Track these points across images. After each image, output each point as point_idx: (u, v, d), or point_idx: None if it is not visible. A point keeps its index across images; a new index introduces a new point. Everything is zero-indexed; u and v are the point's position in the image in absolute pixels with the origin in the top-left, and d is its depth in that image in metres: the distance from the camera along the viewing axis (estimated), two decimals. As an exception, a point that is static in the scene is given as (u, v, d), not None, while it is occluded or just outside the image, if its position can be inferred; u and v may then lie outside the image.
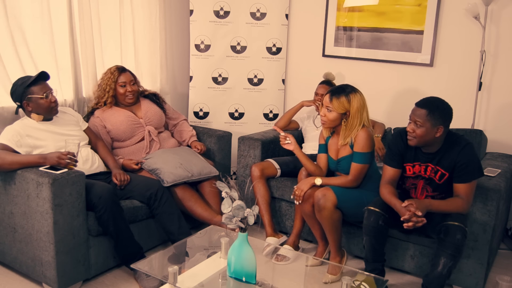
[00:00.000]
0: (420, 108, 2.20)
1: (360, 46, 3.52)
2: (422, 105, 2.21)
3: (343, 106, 2.44)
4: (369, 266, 2.38)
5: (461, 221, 2.13)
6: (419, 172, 2.33)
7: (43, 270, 2.31)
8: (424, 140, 2.22)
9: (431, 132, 2.19)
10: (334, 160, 2.60)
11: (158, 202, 2.61)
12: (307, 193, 2.55)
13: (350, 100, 2.44)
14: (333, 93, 2.47)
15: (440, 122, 2.18)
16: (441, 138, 2.24)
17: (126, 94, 2.97)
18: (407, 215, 2.10)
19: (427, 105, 2.20)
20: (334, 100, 2.44)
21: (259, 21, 3.81)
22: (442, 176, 2.28)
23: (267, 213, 2.91)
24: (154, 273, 2.06)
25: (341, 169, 2.58)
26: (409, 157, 2.35)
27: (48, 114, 2.55)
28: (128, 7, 3.39)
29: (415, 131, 2.21)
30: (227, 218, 1.83)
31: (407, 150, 2.34)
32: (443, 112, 2.20)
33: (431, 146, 2.27)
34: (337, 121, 2.48)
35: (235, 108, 3.93)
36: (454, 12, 3.13)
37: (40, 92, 2.48)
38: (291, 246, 2.74)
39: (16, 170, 2.29)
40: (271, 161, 3.03)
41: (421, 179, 2.34)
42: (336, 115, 2.46)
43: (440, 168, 2.27)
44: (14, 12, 2.71)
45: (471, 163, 2.20)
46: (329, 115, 2.48)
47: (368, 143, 2.45)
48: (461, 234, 2.10)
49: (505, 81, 3.04)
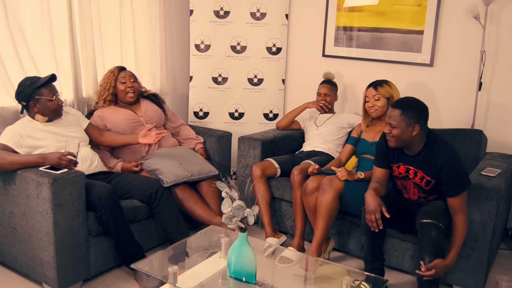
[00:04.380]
0: (394, 109, 2.24)
1: (360, 46, 3.52)
2: (395, 105, 2.26)
3: (388, 91, 2.71)
4: (368, 266, 2.38)
5: (434, 218, 2.16)
6: (405, 172, 2.35)
7: (43, 270, 2.31)
8: (402, 139, 2.24)
9: (406, 131, 2.21)
10: (368, 142, 2.78)
11: (157, 202, 2.61)
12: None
13: (391, 86, 2.74)
14: (375, 84, 2.75)
15: (414, 121, 2.20)
16: (420, 137, 2.25)
17: (127, 91, 2.98)
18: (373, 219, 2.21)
19: (401, 105, 2.23)
20: (379, 88, 2.72)
21: (259, 21, 3.81)
22: (428, 183, 2.30)
23: (267, 213, 2.92)
24: (154, 273, 2.06)
25: (371, 151, 2.70)
26: (392, 158, 2.39)
27: (53, 116, 2.57)
28: (128, 7, 3.39)
29: (391, 131, 2.24)
30: (227, 218, 1.83)
31: (389, 151, 2.38)
32: (417, 110, 2.22)
33: (411, 147, 2.28)
34: (385, 107, 2.72)
35: (235, 108, 3.93)
36: (454, 12, 3.13)
37: (50, 94, 2.50)
38: (296, 248, 2.72)
39: (16, 170, 2.29)
40: (271, 161, 3.04)
41: (409, 179, 2.36)
42: (384, 101, 2.71)
43: (425, 175, 2.28)
44: (14, 12, 2.71)
45: (457, 175, 2.21)
46: (377, 103, 2.72)
47: None
48: (436, 231, 2.12)
49: (505, 81, 3.04)
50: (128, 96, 2.99)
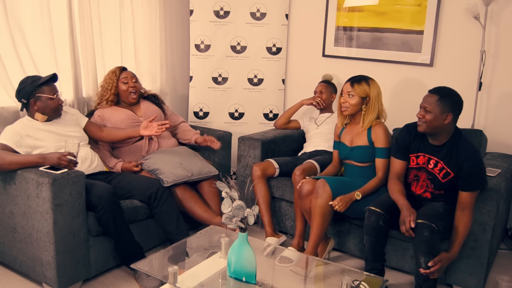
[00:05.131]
0: (431, 94, 2.27)
1: (360, 46, 3.52)
2: (434, 91, 2.27)
3: (364, 90, 2.57)
4: (369, 266, 2.38)
5: (427, 219, 2.16)
6: (423, 163, 2.37)
7: (43, 270, 2.31)
8: (433, 126, 2.25)
9: (439, 118, 2.23)
10: (347, 147, 2.67)
11: (158, 201, 2.61)
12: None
13: (370, 85, 2.59)
14: (353, 79, 2.61)
15: (449, 109, 2.22)
16: (449, 127, 2.27)
17: (129, 91, 2.98)
18: (404, 230, 2.20)
19: (439, 92, 2.26)
20: (356, 85, 2.58)
21: (259, 21, 3.81)
22: (447, 175, 2.30)
23: (267, 213, 2.92)
24: (154, 273, 2.06)
25: (353, 157, 2.64)
26: (413, 148, 2.40)
27: (53, 115, 2.57)
28: (128, 7, 3.39)
29: (425, 116, 2.26)
30: (227, 218, 1.83)
31: (412, 141, 2.40)
32: (453, 100, 2.25)
33: (439, 136, 2.30)
34: (358, 106, 2.59)
35: (235, 108, 3.93)
36: (454, 12, 3.13)
37: (51, 93, 2.51)
38: (296, 248, 2.72)
39: (16, 170, 2.29)
40: (271, 161, 3.04)
41: (424, 171, 2.37)
42: (357, 100, 2.58)
43: (446, 167, 2.29)
44: (14, 12, 2.71)
45: (478, 171, 2.24)
46: (350, 100, 2.59)
47: (388, 137, 2.58)
48: (428, 231, 2.13)
49: (505, 81, 3.04)
50: (131, 96, 2.99)
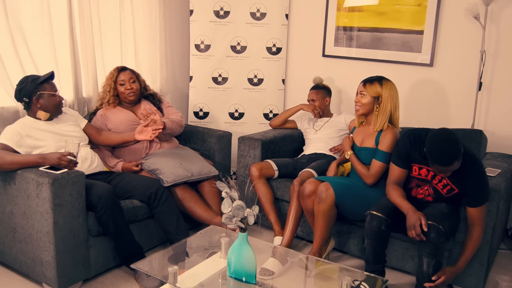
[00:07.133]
0: (452, 164, 2.07)
1: (360, 46, 3.52)
2: (449, 162, 2.07)
3: (375, 90, 2.54)
4: (369, 267, 2.37)
5: (434, 220, 2.14)
6: (425, 176, 2.32)
7: (43, 270, 2.31)
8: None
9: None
10: (356, 147, 2.66)
11: (157, 201, 2.61)
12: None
13: (383, 85, 2.55)
14: (367, 79, 2.60)
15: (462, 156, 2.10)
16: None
17: (126, 93, 2.98)
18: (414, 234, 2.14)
19: (454, 157, 2.08)
20: (368, 85, 2.57)
21: (259, 21, 3.81)
22: (451, 191, 2.27)
23: (273, 211, 2.90)
24: (154, 273, 2.06)
25: (359, 157, 2.63)
26: (416, 159, 2.32)
27: (55, 112, 2.59)
28: (128, 7, 3.39)
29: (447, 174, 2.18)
30: (227, 218, 1.83)
31: (414, 151, 2.31)
32: (464, 150, 2.12)
33: None
34: (370, 105, 2.56)
35: (235, 108, 3.93)
36: (454, 12, 3.13)
37: (52, 90, 2.55)
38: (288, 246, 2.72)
39: (16, 170, 2.29)
40: (270, 162, 3.03)
41: (427, 183, 2.34)
42: (369, 99, 2.56)
43: (451, 183, 2.26)
44: (14, 12, 2.71)
45: (485, 186, 2.21)
46: (362, 99, 2.58)
47: (393, 145, 2.50)
48: (435, 233, 2.11)
49: (505, 81, 3.04)
50: (128, 98, 3.00)
